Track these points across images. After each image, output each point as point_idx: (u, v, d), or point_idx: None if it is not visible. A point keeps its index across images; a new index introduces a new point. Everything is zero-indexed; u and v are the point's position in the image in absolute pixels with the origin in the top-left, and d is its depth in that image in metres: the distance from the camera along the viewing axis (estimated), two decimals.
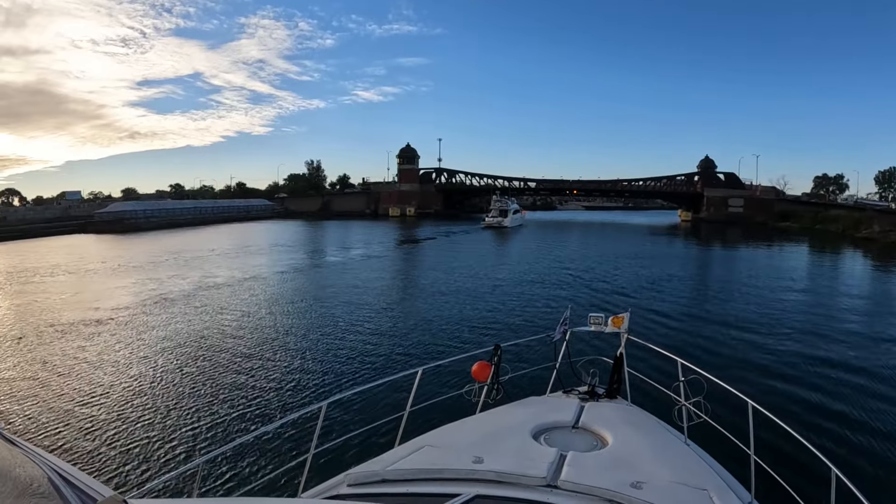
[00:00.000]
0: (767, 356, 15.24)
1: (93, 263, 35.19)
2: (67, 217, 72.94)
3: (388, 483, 3.49)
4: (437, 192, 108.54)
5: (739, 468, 4.25)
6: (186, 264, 34.09)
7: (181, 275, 29.33)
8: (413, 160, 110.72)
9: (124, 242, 52.25)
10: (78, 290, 25.03)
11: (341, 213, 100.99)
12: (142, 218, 73.54)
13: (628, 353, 5.87)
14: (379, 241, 52.09)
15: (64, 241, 54.50)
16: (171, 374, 13.37)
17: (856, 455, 9.14)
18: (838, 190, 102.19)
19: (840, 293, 26.34)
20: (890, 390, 12.72)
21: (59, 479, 1.44)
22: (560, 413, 4.72)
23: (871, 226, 60.64)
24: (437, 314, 19.98)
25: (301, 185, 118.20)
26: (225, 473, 8.33)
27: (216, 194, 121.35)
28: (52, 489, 1.37)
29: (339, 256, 39.69)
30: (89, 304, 21.60)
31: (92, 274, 30.52)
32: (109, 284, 26.81)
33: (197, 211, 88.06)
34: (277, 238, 55.77)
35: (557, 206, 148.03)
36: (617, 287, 26.20)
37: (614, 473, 3.47)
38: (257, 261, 36.20)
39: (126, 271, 31.38)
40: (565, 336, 6.16)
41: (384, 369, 13.82)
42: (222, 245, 47.52)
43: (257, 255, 39.50)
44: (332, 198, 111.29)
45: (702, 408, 4.83)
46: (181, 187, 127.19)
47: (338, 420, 9.86)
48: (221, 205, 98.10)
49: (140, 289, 25.29)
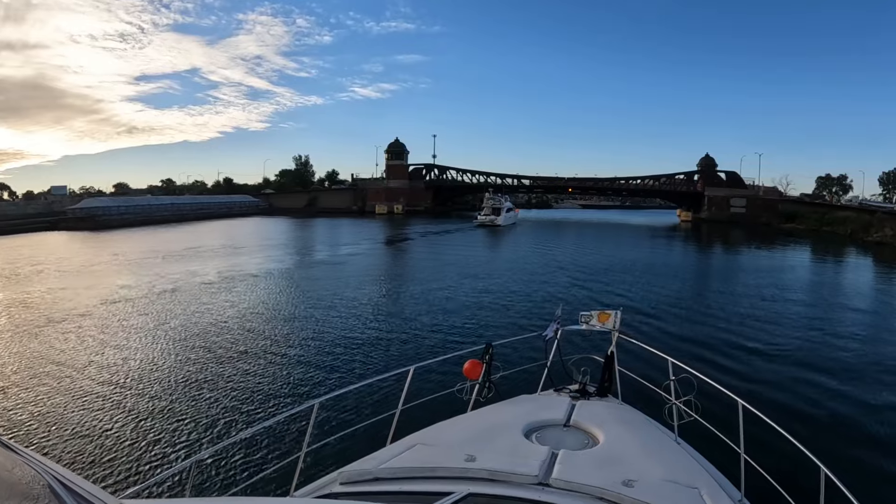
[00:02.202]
0: (758, 357, 15.83)
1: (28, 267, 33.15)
2: (49, 213, 72.20)
3: (380, 481, 3.61)
4: (427, 189, 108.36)
5: (729, 466, 4.44)
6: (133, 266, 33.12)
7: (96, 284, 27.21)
8: (402, 155, 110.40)
9: (89, 241, 51.51)
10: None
11: (327, 209, 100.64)
12: (115, 215, 72.86)
13: (619, 351, 6.06)
14: (354, 242, 50.48)
15: (28, 239, 53.58)
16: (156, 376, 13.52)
17: (844, 453, 9.49)
18: (841, 191, 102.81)
19: (845, 299, 26.49)
20: (879, 390, 13.35)
21: (59, 486, 1.45)
22: (551, 411, 4.88)
23: (883, 229, 59.21)
24: (425, 317, 20.15)
25: (289, 180, 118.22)
26: (217, 473, 8.54)
27: (207, 190, 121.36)
28: (51, 496, 1.39)
29: (288, 262, 36.37)
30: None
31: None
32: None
33: (175, 208, 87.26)
34: (245, 237, 54.54)
35: (553, 205, 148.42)
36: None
37: (606, 471, 3.60)
38: (215, 263, 34.64)
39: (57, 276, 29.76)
40: (557, 334, 6.34)
41: (376, 368, 14.15)
42: (190, 244, 46.51)
43: (216, 258, 37.72)
44: (319, 194, 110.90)
45: (692, 406, 5.03)
46: (172, 182, 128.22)
47: (330, 419, 10.09)
48: (201, 201, 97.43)
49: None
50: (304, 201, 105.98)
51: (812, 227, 73.28)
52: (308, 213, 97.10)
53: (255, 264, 33.93)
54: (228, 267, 32.61)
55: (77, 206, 73.47)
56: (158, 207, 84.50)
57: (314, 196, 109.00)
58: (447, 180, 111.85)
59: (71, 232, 60.62)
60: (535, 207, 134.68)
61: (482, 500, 3.25)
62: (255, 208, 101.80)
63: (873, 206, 78.32)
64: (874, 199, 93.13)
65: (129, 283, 27.01)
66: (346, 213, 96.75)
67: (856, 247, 54.38)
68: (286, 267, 33.64)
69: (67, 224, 65.82)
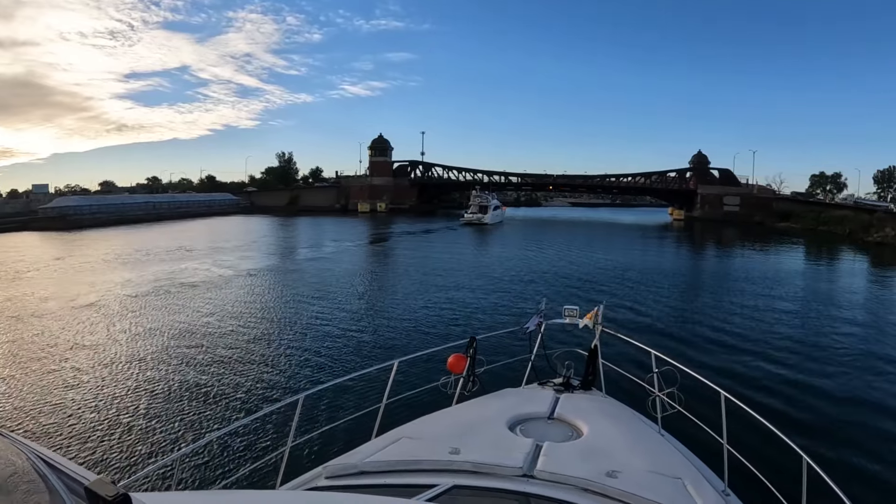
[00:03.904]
0: (742, 351, 16.57)
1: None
2: (27, 212, 71.30)
3: (365, 475, 3.72)
4: (413, 187, 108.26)
5: (713, 457, 4.60)
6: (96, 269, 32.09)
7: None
8: (386, 152, 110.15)
9: (50, 242, 50.46)
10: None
11: (310, 208, 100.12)
12: (86, 214, 71.93)
13: (603, 344, 6.20)
14: (316, 245, 47.91)
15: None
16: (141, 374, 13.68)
17: (826, 443, 9.86)
18: (836, 189, 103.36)
19: (850, 301, 26.65)
20: (860, 383, 14.03)
21: (45, 466, 1.47)
22: (536, 404, 5.02)
23: (883, 229, 58.62)
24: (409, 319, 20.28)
25: (272, 178, 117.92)
26: (203, 466, 8.72)
27: (193, 188, 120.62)
28: (37, 476, 1.41)
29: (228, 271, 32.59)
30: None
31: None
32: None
33: (150, 206, 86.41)
34: (206, 238, 52.51)
35: (543, 203, 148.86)
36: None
37: (590, 463, 3.73)
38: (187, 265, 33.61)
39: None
40: (540, 328, 6.50)
41: (360, 362, 14.50)
42: (158, 245, 45.19)
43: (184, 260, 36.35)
44: (301, 192, 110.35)
45: (675, 398, 5.17)
46: (158, 180, 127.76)
47: (315, 413, 10.25)
48: (179, 200, 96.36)
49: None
50: (286, 199, 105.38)
51: (808, 226, 73.13)
52: (290, 211, 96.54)
53: (203, 270, 31.57)
54: (168, 274, 29.93)
55: (48, 206, 72.50)
56: (133, 206, 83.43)
57: (296, 194, 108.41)
58: (433, 178, 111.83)
59: (40, 232, 59.64)
60: (525, 206, 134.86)
61: (467, 493, 3.36)
62: (236, 207, 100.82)
63: (869, 205, 78.75)
64: (868, 197, 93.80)
65: (50, 293, 24.66)
66: (328, 212, 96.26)
67: (855, 248, 54.10)
68: (227, 275, 29.98)
69: (39, 224, 64.88)
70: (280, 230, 65.03)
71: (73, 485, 1.46)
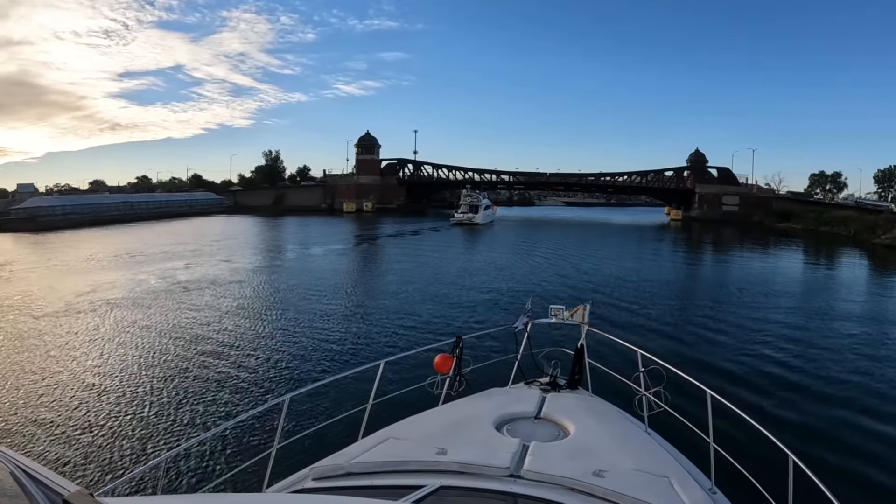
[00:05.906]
0: (728, 349, 17.07)
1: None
2: (4, 212, 70.30)
3: (352, 476, 3.83)
4: (401, 186, 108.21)
5: (699, 456, 4.74)
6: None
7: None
8: (373, 150, 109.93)
9: (14, 245, 49.13)
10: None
11: (295, 207, 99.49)
12: (58, 215, 70.78)
13: (589, 344, 6.38)
14: (289, 248, 47.19)
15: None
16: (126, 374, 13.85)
17: (812, 441, 10.12)
18: (836, 188, 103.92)
19: (843, 298, 27.05)
20: (846, 382, 14.47)
21: (24, 476, 1.46)
22: (522, 404, 5.16)
23: (891, 230, 57.27)
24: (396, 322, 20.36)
25: (259, 177, 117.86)
26: (189, 469, 8.87)
27: (182, 187, 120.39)
28: (17, 487, 1.40)
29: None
30: None
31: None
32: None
33: (127, 206, 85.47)
34: (187, 238, 51.75)
35: (536, 202, 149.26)
36: None
37: (576, 462, 3.85)
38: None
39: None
40: (527, 327, 6.67)
41: (346, 363, 14.74)
42: (129, 248, 43.40)
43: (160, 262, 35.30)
44: (287, 191, 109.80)
45: (662, 398, 5.35)
46: (148, 179, 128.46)
47: (301, 414, 10.44)
48: (158, 199, 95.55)
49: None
50: (271, 198, 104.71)
51: (809, 226, 73.05)
52: (274, 211, 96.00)
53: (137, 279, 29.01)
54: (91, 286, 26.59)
55: (20, 207, 71.58)
56: (108, 207, 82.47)
57: (281, 193, 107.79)
58: (423, 176, 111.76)
59: (11, 234, 58.54)
60: (518, 205, 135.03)
61: (454, 493, 3.46)
62: (219, 206, 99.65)
63: (870, 205, 79.26)
64: (868, 197, 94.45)
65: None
66: (314, 212, 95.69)
67: (863, 250, 53.02)
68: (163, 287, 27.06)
69: (10, 225, 63.89)
70: (258, 231, 64.29)
71: (52, 496, 1.47)
